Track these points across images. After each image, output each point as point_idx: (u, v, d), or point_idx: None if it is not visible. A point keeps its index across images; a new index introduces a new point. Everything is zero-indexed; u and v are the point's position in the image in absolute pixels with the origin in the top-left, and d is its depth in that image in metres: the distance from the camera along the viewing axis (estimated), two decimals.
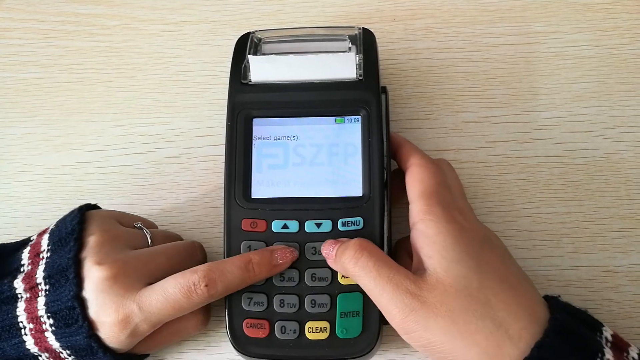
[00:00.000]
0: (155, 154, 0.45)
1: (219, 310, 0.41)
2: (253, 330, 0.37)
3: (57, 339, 0.35)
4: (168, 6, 0.49)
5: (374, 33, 0.42)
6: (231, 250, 0.37)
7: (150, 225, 0.41)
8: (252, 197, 0.38)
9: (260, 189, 0.38)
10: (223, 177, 0.39)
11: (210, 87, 0.47)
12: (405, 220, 0.42)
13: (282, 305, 0.37)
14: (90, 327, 0.34)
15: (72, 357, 0.35)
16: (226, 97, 0.40)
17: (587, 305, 0.41)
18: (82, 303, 0.34)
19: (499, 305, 0.32)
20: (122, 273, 0.35)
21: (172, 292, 0.35)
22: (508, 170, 0.44)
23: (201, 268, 0.35)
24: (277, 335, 0.36)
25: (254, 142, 0.39)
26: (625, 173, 0.43)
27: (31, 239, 0.39)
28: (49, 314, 0.35)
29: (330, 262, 0.36)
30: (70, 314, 0.34)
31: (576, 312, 0.34)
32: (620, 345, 0.33)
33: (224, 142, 0.39)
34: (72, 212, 0.38)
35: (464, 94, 0.46)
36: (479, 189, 0.43)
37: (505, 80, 0.46)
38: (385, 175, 0.38)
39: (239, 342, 0.37)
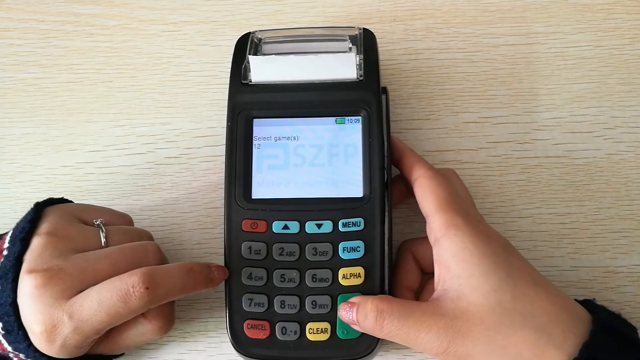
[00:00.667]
0: (155, 154, 0.45)
1: (219, 311, 0.41)
2: (254, 331, 0.36)
3: (8, 343, 0.34)
4: (168, 6, 0.49)
5: (374, 33, 0.42)
6: (232, 251, 0.37)
7: (119, 220, 0.39)
8: (253, 197, 0.38)
9: (261, 189, 0.38)
10: (223, 177, 0.39)
11: (210, 88, 0.47)
12: (407, 220, 0.43)
13: (282, 306, 0.37)
14: (25, 335, 0.33)
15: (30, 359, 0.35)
16: (226, 98, 0.40)
17: None
18: (16, 311, 0.33)
19: (537, 311, 0.32)
20: (53, 281, 0.33)
21: (106, 296, 0.32)
22: (508, 171, 0.44)
23: (141, 270, 0.33)
24: (277, 336, 0.36)
25: (254, 142, 0.39)
26: (626, 174, 0.43)
27: (8, 232, 0.37)
28: None
29: (357, 328, 0.35)
30: (9, 321, 0.34)
31: (613, 314, 0.34)
32: None
33: (224, 143, 0.39)
34: (31, 208, 0.37)
35: (464, 95, 0.45)
36: (479, 189, 0.43)
37: (506, 80, 0.46)
38: (385, 176, 0.38)
39: (240, 343, 0.37)
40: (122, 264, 0.35)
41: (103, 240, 0.36)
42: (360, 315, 0.34)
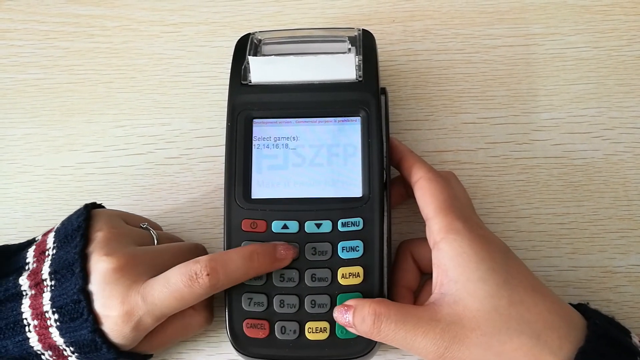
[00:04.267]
0: (156, 154, 0.45)
1: (219, 310, 0.41)
2: (253, 331, 0.37)
3: (62, 335, 0.35)
4: (168, 7, 0.49)
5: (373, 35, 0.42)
6: None
7: (155, 227, 0.41)
8: (252, 197, 0.38)
9: (260, 189, 0.38)
10: (223, 177, 0.39)
11: (210, 88, 0.47)
12: (406, 220, 0.43)
13: (282, 305, 0.37)
14: (95, 320, 0.34)
15: (76, 354, 0.35)
16: (226, 98, 0.40)
17: None
18: (87, 296, 0.34)
19: (534, 317, 0.32)
20: (130, 264, 0.35)
21: (174, 282, 0.34)
22: (507, 171, 0.44)
23: (203, 257, 0.35)
24: (277, 335, 0.36)
25: (254, 142, 0.39)
26: (624, 174, 0.43)
27: (36, 239, 0.39)
28: (54, 309, 0.35)
29: (353, 331, 0.35)
30: (76, 308, 0.34)
31: (606, 318, 0.34)
32: None
33: (224, 143, 0.39)
34: (79, 210, 0.38)
35: (463, 95, 0.46)
36: (478, 190, 0.44)
37: (505, 81, 0.46)
38: (385, 176, 0.38)
39: (239, 342, 0.37)
40: (182, 258, 0.36)
41: (155, 240, 0.39)
42: (357, 318, 0.34)
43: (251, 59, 0.40)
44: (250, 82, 0.40)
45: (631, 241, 0.42)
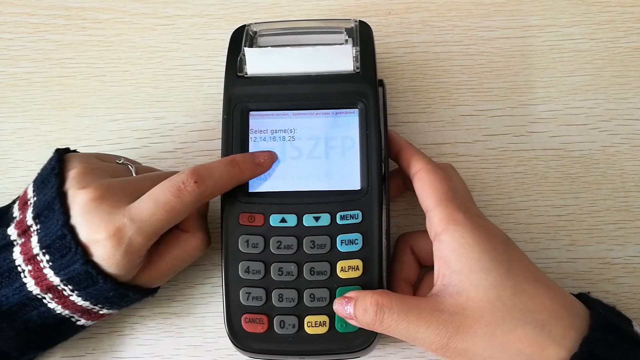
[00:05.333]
0: (150, 148, 0.45)
1: (217, 305, 0.41)
2: (252, 325, 0.36)
3: (57, 274, 0.34)
4: (161, 0, 0.49)
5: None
6: (229, 244, 0.37)
7: (134, 163, 0.41)
8: (250, 191, 0.38)
9: (258, 182, 0.38)
10: None
11: (204, 81, 0.46)
12: (404, 213, 0.43)
13: (280, 299, 0.36)
14: (84, 252, 0.34)
15: (76, 292, 0.35)
16: (221, 91, 0.39)
17: None
18: (71, 230, 0.34)
19: (537, 307, 0.32)
20: (108, 194, 0.34)
21: (161, 194, 0.34)
22: (505, 164, 0.44)
23: (187, 169, 0.35)
24: (276, 330, 0.36)
25: (250, 135, 0.39)
26: (621, 165, 0.43)
27: (17, 197, 0.38)
28: (43, 250, 0.34)
29: (354, 323, 0.35)
30: (63, 243, 0.34)
31: (608, 307, 0.34)
32: None
33: (220, 137, 0.39)
34: (53, 154, 0.37)
35: (460, 88, 0.45)
36: (476, 182, 0.43)
37: (502, 73, 0.46)
38: (383, 168, 0.38)
39: (238, 337, 0.36)
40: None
41: (133, 172, 0.38)
42: (358, 309, 0.34)
43: (247, 51, 0.39)
44: (247, 74, 0.39)
45: (629, 232, 0.42)
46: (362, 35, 0.40)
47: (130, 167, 0.39)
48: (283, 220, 0.37)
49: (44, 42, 0.48)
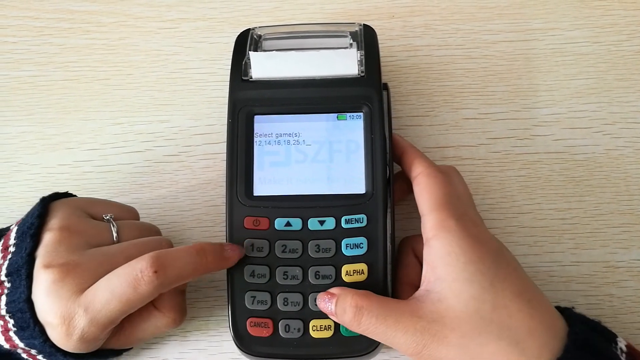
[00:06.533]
0: (154, 152, 0.45)
1: (221, 309, 0.41)
2: (257, 329, 0.36)
3: (20, 339, 0.34)
4: (165, 3, 0.49)
5: None
6: None
7: (127, 214, 0.39)
8: (255, 195, 0.38)
9: (263, 186, 0.38)
10: (223, 175, 0.38)
11: (208, 85, 0.46)
12: (408, 217, 0.43)
13: (286, 303, 0.36)
14: (42, 331, 0.33)
15: (40, 355, 0.34)
16: (225, 95, 0.39)
17: (589, 300, 0.41)
18: (31, 307, 0.33)
19: (515, 323, 0.32)
20: (71, 276, 0.33)
21: (117, 284, 0.32)
22: (509, 167, 0.44)
23: (149, 254, 0.33)
24: (281, 333, 0.36)
25: (255, 139, 0.39)
26: (625, 169, 0.43)
27: (10, 227, 0.37)
28: (9, 314, 0.34)
29: (334, 319, 0.35)
30: (23, 317, 0.33)
31: (591, 323, 0.34)
32: (634, 356, 0.33)
33: (224, 140, 0.39)
34: (37, 203, 0.36)
35: (463, 91, 0.46)
36: (480, 185, 0.43)
37: (505, 77, 0.46)
38: (388, 171, 0.38)
39: (243, 341, 0.36)
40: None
41: (115, 235, 0.36)
42: (339, 308, 0.34)
43: (252, 55, 0.39)
44: (251, 78, 0.39)
45: (633, 236, 0.42)
46: (367, 39, 0.40)
47: (113, 229, 0.36)
48: (288, 224, 0.37)
49: (48, 46, 0.48)
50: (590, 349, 0.31)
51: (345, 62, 0.39)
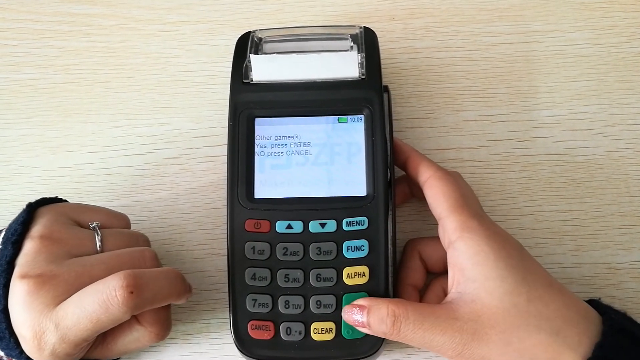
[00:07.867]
0: (155, 155, 0.45)
1: (222, 312, 0.41)
2: (258, 332, 0.36)
3: (1, 349, 0.33)
4: (165, 6, 0.49)
5: None
6: (235, 251, 0.37)
7: (116, 221, 0.38)
8: (256, 197, 0.38)
9: (264, 189, 0.38)
10: (224, 177, 0.38)
11: (209, 87, 0.46)
12: (407, 219, 0.43)
13: (287, 306, 0.36)
14: (17, 343, 0.32)
15: None
16: (226, 97, 0.40)
17: None
18: (7, 317, 0.32)
19: (552, 313, 0.32)
20: (46, 288, 0.32)
21: (89, 302, 0.31)
22: (509, 169, 0.44)
23: (125, 272, 0.31)
24: (282, 336, 0.36)
25: (256, 142, 0.39)
26: (626, 170, 0.43)
27: (1, 230, 0.37)
28: None
29: (365, 331, 0.35)
30: (0, 327, 0.33)
31: (620, 313, 0.34)
32: None
33: (225, 143, 0.39)
34: (23, 209, 0.35)
35: (464, 93, 0.46)
36: (480, 187, 0.43)
37: (505, 79, 0.46)
38: (389, 174, 0.38)
39: (244, 344, 0.36)
40: (117, 270, 0.33)
41: (98, 244, 0.35)
42: (374, 319, 0.34)
43: (253, 57, 0.39)
44: (252, 81, 0.39)
45: (634, 237, 0.42)
46: (367, 42, 0.41)
47: (97, 238, 0.35)
48: (289, 227, 0.37)
49: (49, 49, 0.48)
50: (627, 333, 0.32)
51: (345, 65, 0.39)
